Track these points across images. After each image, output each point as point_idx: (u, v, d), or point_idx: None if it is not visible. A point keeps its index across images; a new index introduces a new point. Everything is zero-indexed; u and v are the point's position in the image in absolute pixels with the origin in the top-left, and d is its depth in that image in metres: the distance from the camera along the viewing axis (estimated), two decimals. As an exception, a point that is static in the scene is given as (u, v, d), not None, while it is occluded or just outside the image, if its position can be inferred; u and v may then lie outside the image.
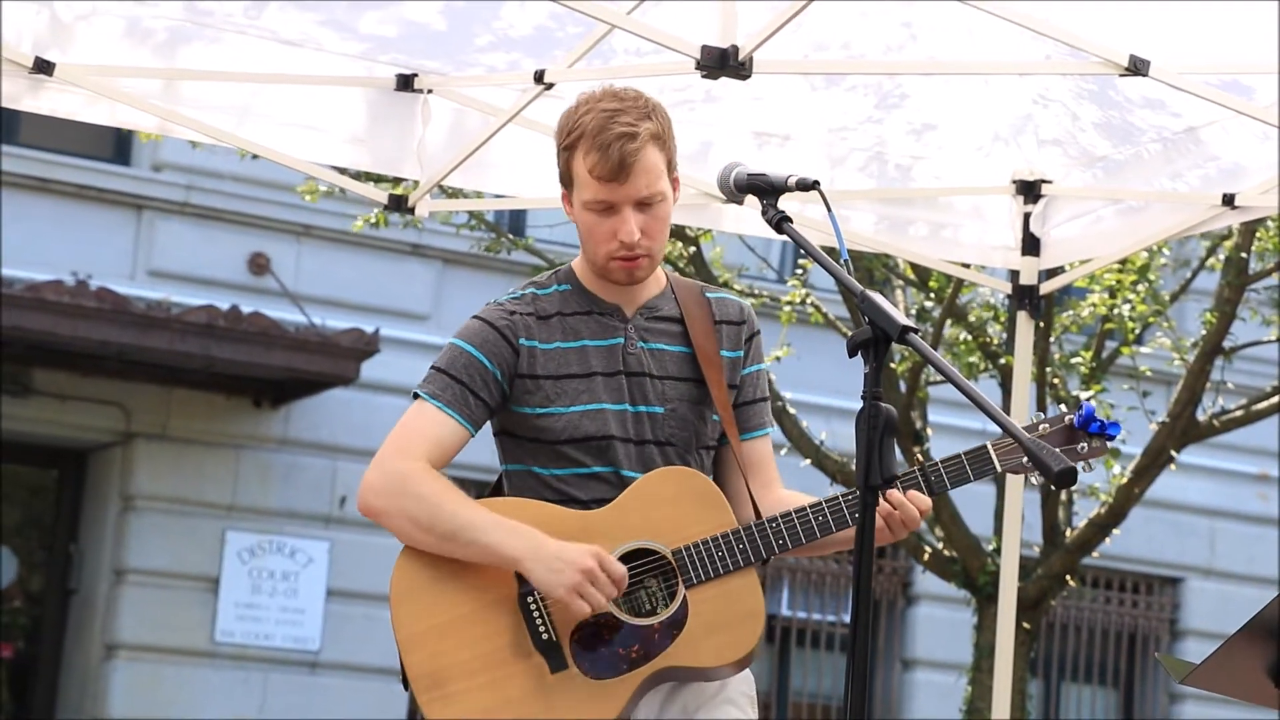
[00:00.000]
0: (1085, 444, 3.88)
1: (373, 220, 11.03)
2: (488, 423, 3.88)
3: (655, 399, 3.82)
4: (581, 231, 3.81)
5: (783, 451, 9.94)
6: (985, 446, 3.84)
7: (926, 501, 3.76)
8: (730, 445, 3.91)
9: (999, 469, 3.83)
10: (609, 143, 3.72)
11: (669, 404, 3.83)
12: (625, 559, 3.70)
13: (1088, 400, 3.99)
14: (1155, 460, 10.45)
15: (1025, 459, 3.79)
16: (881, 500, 3.69)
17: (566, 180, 3.83)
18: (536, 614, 3.67)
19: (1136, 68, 5.30)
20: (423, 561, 3.71)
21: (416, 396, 3.81)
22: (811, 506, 3.77)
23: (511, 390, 3.80)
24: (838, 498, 3.78)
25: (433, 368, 3.83)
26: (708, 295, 3.95)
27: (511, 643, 3.67)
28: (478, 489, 4.01)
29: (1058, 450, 3.41)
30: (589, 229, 3.78)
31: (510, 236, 12.05)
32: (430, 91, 6.16)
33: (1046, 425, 3.88)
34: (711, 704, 3.81)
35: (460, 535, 3.67)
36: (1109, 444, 3.91)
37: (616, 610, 3.68)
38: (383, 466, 3.74)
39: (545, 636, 3.66)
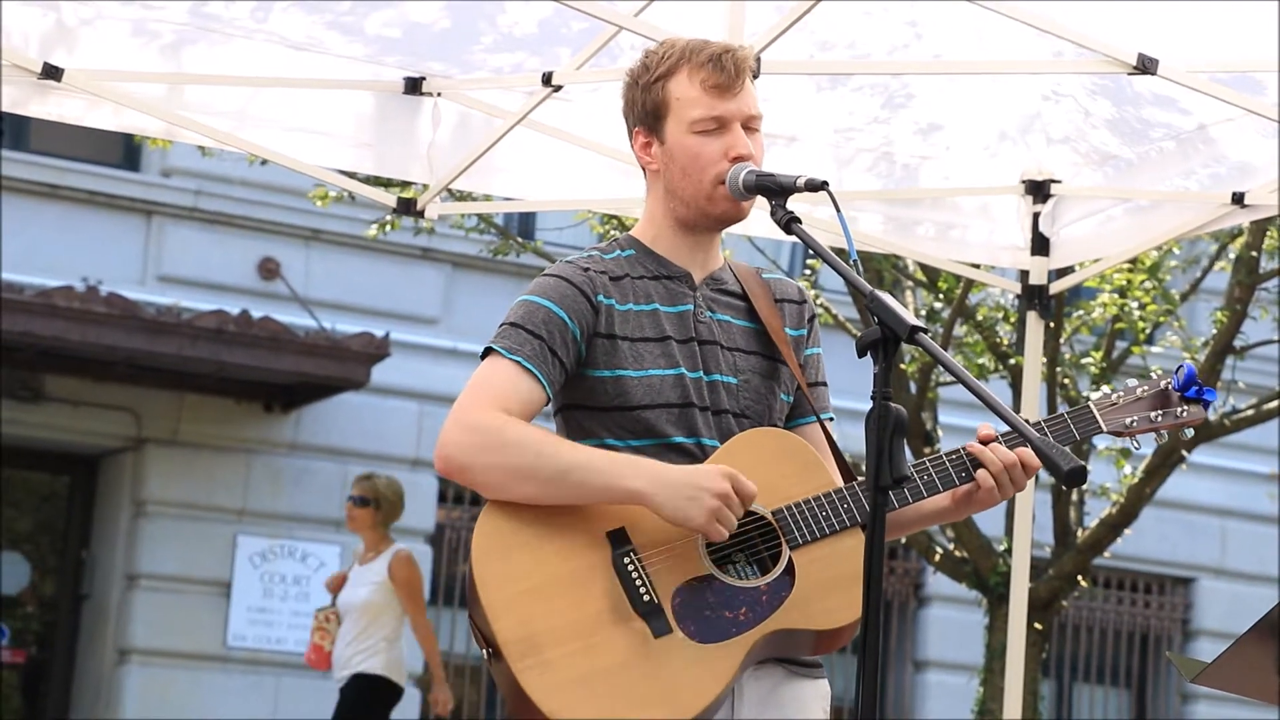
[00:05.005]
0: (1184, 409, 3.76)
1: (386, 225, 11.05)
2: None
3: (728, 369, 3.67)
4: (683, 162, 3.64)
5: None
6: (1088, 406, 3.74)
7: (1036, 460, 3.59)
8: (801, 428, 3.78)
9: (1104, 428, 3.73)
10: (719, 54, 3.65)
11: (741, 375, 3.68)
12: None
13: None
14: (1166, 460, 10.44)
15: (1129, 419, 3.74)
16: (992, 456, 3.61)
17: (656, 114, 3.67)
18: (635, 576, 3.46)
19: (1145, 66, 5.29)
20: (507, 522, 3.49)
21: (488, 353, 3.58)
22: (915, 466, 3.60)
23: (588, 352, 3.61)
24: (941, 457, 3.65)
25: (506, 324, 3.60)
26: (764, 276, 3.86)
27: (609, 607, 3.44)
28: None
29: (1068, 449, 3.38)
30: (694, 154, 3.62)
31: (519, 240, 12.05)
32: (440, 95, 6.16)
33: (1145, 388, 3.77)
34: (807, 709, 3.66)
35: (570, 475, 3.46)
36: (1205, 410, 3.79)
37: (719, 572, 3.50)
38: (465, 421, 3.49)
39: (646, 599, 3.44)
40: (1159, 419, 3.76)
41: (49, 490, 14.97)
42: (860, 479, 3.60)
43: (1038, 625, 10.04)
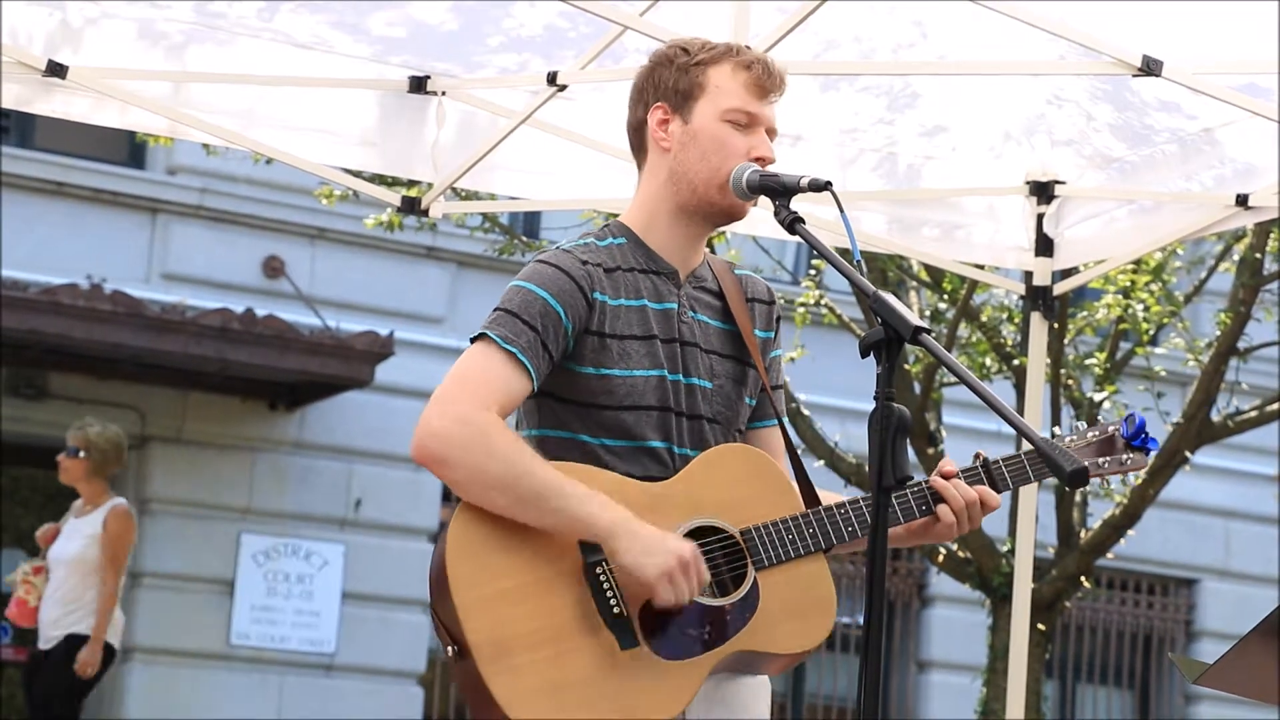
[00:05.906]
0: (1128, 456, 3.82)
1: (385, 221, 11.05)
2: None
3: (705, 373, 3.67)
4: (706, 145, 3.64)
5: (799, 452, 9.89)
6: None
7: (996, 498, 3.69)
8: (762, 430, 3.80)
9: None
10: (763, 60, 3.70)
11: (716, 379, 3.69)
12: (690, 536, 3.53)
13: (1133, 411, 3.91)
14: (1170, 461, 10.44)
15: (1102, 459, 3.79)
16: (954, 493, 3.66)
17: (688, 94, 3.67)
18: (606, 586, 3.46)
19: (1149, 68, 5.29)
20: (483, 521, 3.46)
21: (480, 338, 3.54)
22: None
23: (575, 347, 3.58)
24: (905, 491, 3.68)
25: (501, 310, 3.57)
26: (736, 272, 3.84)
27: (579, 616, 3.45)
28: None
29: (1070, 451, 3.39)
30: (721, 141, 3.63)
31: (524, 239, 12.07)
32: (444, 94, 6.16)
33: (1094, 434, 3.82)
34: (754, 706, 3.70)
35: (544, 501, 3.43)
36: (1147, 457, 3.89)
37: None
38: (453, 413, 3.46)
39: (616, 611, 3.45)
40: (1105, 465, 3.82)
41: (53, 488, 14.96)
42: (835, 505, 3.64)
43: (1041, 626, 10.04)
